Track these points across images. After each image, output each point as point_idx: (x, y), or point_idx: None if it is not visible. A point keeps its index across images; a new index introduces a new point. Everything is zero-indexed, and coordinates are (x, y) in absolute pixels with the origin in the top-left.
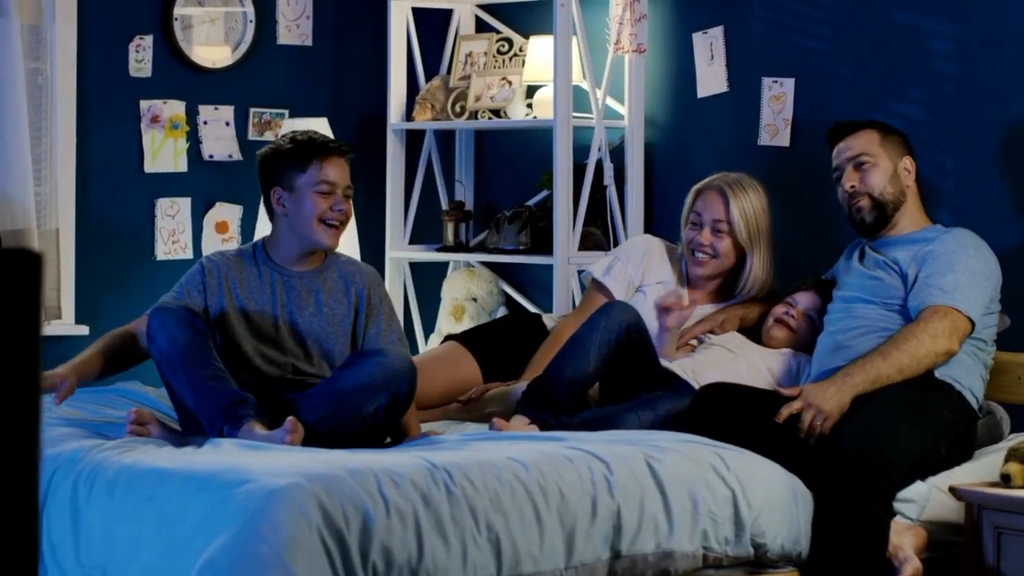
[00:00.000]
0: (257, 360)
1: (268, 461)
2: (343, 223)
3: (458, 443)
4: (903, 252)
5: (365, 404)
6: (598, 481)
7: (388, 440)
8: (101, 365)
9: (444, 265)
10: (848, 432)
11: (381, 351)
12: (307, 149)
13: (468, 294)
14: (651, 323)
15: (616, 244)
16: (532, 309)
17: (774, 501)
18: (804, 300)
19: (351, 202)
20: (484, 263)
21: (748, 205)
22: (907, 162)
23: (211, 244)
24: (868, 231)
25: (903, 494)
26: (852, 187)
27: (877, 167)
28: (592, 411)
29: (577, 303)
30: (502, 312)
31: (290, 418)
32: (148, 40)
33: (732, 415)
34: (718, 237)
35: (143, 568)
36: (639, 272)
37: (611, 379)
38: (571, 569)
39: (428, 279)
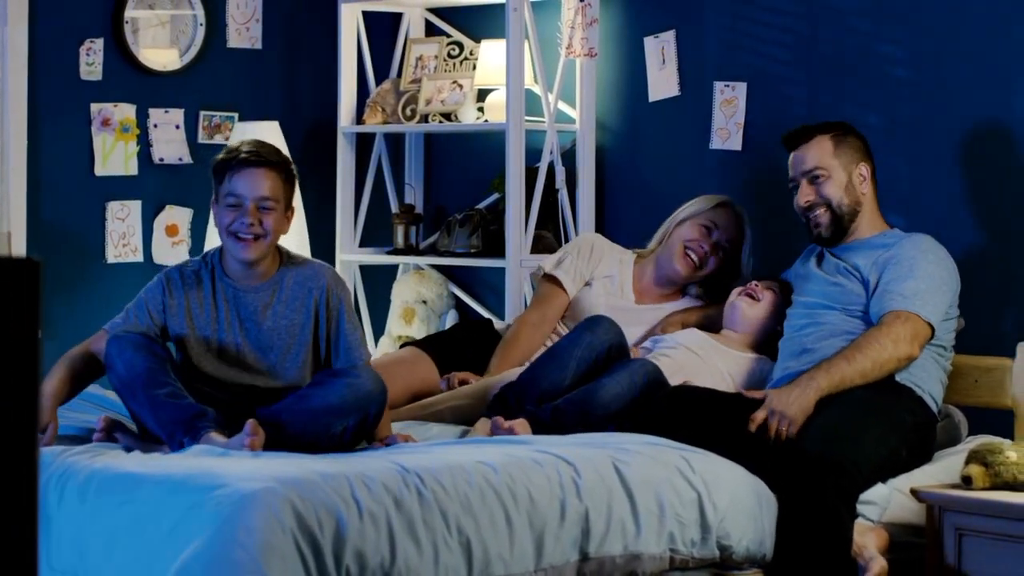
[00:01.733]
0: (221, 381)
1: (241, 466)
2: (258, 236)
3: (427, 447)
4: (863, 258)
5: (333, 424)
6: (566, 484)
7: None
8: (70, 391)
9: (394, 268)
10: (813, 435)
11: (352, 372)
12: (224, 162)
13: (418, 297)
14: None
15: None
16: (482, 312)
17: (739, 503)
18: (762, 281)
19: (272, 215)
20: (433, 266)
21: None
22: (862, 168)
23: (161, 247)
24: (826, 243)
25: (864, 496)
26: (808, 201)
27: (831, 179)
28: (569, 394)
29: (529, 304)
30: (452, 315)
31: (251, 420)
32: (99, 43)
33: (696, 419)
34: (717, 254)
35: (116, 573)
36: (589, 266)
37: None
38: (540, 571)
39: (378, 282)
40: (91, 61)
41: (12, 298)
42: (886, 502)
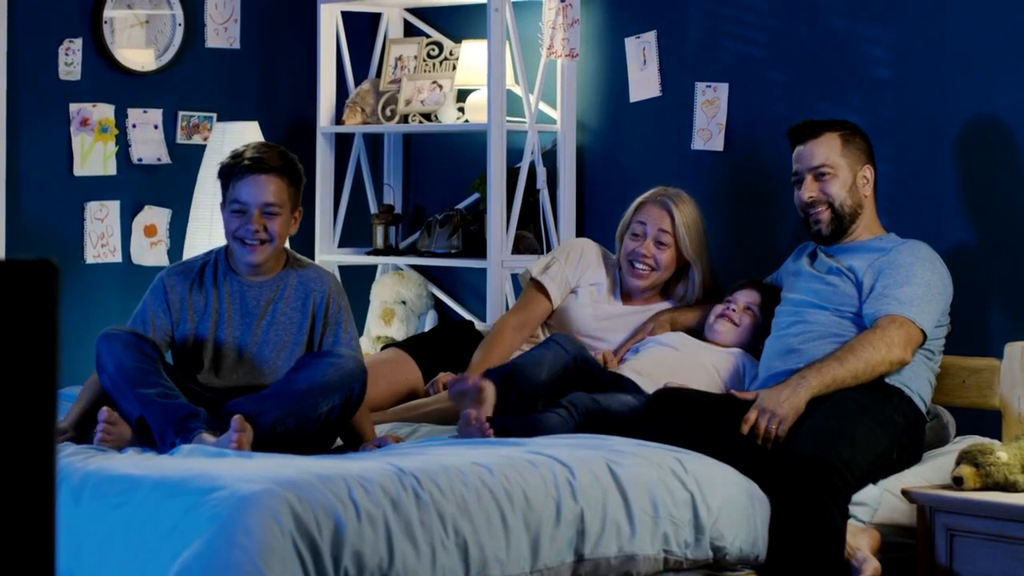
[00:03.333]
0: (213, 380)
1: (239, 467)
2: (263, 241)
3: (421, 448)
4: (859, 260)
5: (320, 404)
6: (561, 485)
7: (340, 443)
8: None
9: (373, 268)
10: (805, 436)
11: (333, 352)
12: (229, 167)
13: (397, 297)
14: (588, 324)
15: (549, 247)
16: (461, 312)
17: (732, 504)
18: (743, 297)
19: (278, 219)
20: (413, 266)
21: (690, 218)
22: (867, 171)
23: (140, 247)
24: (824, 241)
25: (855, 497)
26: (811, 198)
27: (837, 178)
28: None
29: (511, 305)
30: (431, 315)
31: (237, 416)
32: (77, 43)
33: (686, 420)
34: (660, 249)
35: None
36: (576, 273)
37: (561, 394)
38: (536, 572)
39: (357, 282)
40: (70, 61)
41: (30, 301)
42: (877, 503)
